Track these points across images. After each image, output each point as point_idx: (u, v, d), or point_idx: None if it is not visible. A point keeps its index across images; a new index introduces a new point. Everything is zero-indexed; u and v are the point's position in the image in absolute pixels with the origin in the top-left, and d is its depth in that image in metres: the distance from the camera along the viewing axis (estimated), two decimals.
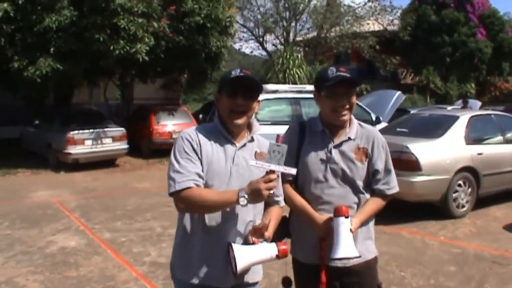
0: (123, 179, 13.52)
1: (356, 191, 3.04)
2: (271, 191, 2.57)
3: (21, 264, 6.61)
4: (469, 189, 9.01)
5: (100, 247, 7.35)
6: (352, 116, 3.09)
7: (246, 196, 2.56)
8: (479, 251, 7.07)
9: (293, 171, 2.69)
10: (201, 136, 2.78)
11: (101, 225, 8.57)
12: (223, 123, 2.83)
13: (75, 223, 8.71)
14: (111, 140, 15.23)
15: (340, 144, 3.03)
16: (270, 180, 2.55)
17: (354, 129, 3.07)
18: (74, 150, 14.40)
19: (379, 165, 3.07)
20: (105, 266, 6.50)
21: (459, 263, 6.51)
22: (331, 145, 3.02)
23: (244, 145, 2.83)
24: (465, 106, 19.85)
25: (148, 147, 17.12)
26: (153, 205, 9.74)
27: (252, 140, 2.88)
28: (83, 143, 14.55)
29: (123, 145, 15.59)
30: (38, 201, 10.53)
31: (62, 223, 8.70)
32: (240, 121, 2.77)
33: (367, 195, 3.08)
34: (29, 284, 5.93)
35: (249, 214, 2.76)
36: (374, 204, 3.08)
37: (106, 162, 15.34)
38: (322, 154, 3.02)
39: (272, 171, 2.58)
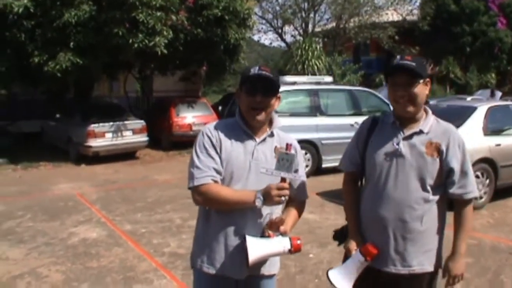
0: (143, 171, 13.63)
1: (424, 189, 2.87)
2: (282, 198, 2.64)
3: (44, 255, 6.74)
4: (487, 181, 8.96)
5: (120, 238, 7.46)
6: (430, 111, 2.99)
7: (262, 198, 2.65)
8: (496, 243, 7.08)
9: (302, 177, 2.78)
10: (221, 131, 2.85)
11: (122, 217, 8.68)
12: (243, 118, 2.88)
13: (96, 215, 8.83)
14: (131, 133, 15.33)
15: (411, 136, 2.90)
16: (283, 188, 2.63)
17: (429, 123, 2.92)
18: (95, 143, 14.53)
19: (455, 164, 2.85)
20: (126, 257, 6.61)
21: (476, 255, 6.50)
22: (400, 137, 2.91)
23: (264, 140, 2.89)
24: (492, 97, 19.71)
25: (168, 139, 17.20)
26: (173, 197, 9.81)
27: (272, 135, 2.93)
28: (103, 136, 14.67)
29: (143, 138, 15.69)
30: (60, 194, 10.67)
31: (83, 215, 8.82)
32: (260, 117, 2.81)
33: (436, 197, 2.89)
34: (52, 275, 6.04)
35: (267, 208, 2.80)
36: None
37: (126, 154, 15.46)
38: (389, 147, 2.92)
39: (284, 179, 2.65)
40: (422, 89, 2.84)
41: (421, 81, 2.83)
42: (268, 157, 2.84)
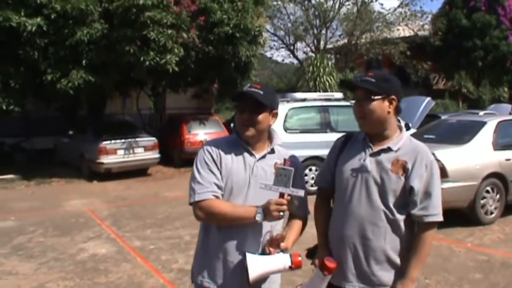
0: (154, 188, 13.70)
1: (386, 207, 2.81)
2: (281, 213, 2.65)
3: (53, 270, 6.81)
4: (498, 195, 8.94)
5: (129, 254, 7.51)
6: (404, 129, 2.98)
7: (262, 213, 2.67)
8: (506, 259, 7.03)
9: (300, 193, 2.78)
10: (221, 147, 2.89)
11: (131, 233, 8.73)
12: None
13: (106, 231, 8.90)
14: (143, 150, 15.42)
15: (378, 152, 2.85)
16: (281, 203, 2.65)
17: (400, 141, 2.87)
18: (107, 159, 14.63)
19: (416, 184, 2.76)
20: (134, 273, 6.65)
21: (485, 271, 6.48)
22: (367, 153, 2.87)
23: (264, 156, 2.91)
24: None
25: (180, 156, 17.27)
26: (182, 214, 9.84)
27: (272, 151, 2.95)
28: (115, 153, 14.77)
29: (154, 155, 15.77)
30: (71, 210, 10.76)
31: (93, 231, 8.89)
32: (248, 133, 2.84)
33: (399, 216, 2.81)
34: None
35: (267, 224, 2.82)
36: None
37: (138, 171, 15.56)
38: (356, 163, 2.89)
39: (282, 194, 2.66)
40: (378, 106, 2.80)
41: (378, 97, 2.79)
42: (268, 173, 2.86)
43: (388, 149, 2.85)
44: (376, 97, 2.79)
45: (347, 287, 2.90)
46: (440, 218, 2.81)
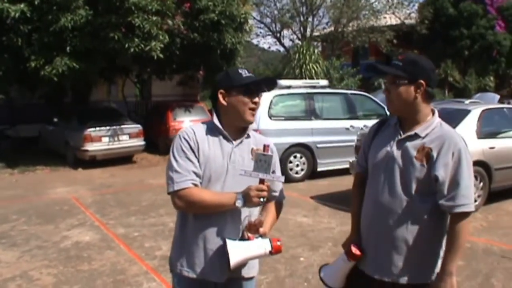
0: (139, 175, 13.66)
1: (408, 195, 2.73)
2: (261, 199, 2.65)
3: (36, 258, 6.77)
4: (481, 184, 8.97)
5: (113, 241, 7.49)
6: (437, 112, 2.84)
7: (242, 199, 2.67)
8: (489, 246, 7.09)
9: (281, 178, 2.79)
10: (198, 134, 2.86)
11: (116, 221, 8.71)
12: (221, 121, 2.90)
13: (90, 219, 8.86)
14: (128, 137, 15.40)
15: (406, 139, 2.78)
16: (262, 189, 2.65)
17: (430, 127, 2.77)
18: (91, 147, 14.58)
19: (441, 172, 2.65)
20: (117, 260, 6.63)
21: (468, 258, 6.49)
22: (396, 139, 2.81)
23: (241, 142, 2.91)
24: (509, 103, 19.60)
25: (165, 144, 17.16)
26: (167, 201, 9.68)
27: (248, 136, 2.96)
28: (100, 140, 14.73)
29: (139, 142, 15.75)
30: (55, 198, 10.70)
31: (77, 219, 8.85)
32: (256, 116, 2.92)
33: (423, 205, 2.72)
34: (43, 278, 6.07)
35: (245, 210, 2.82)
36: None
37: (123, 158, 15.54)
38: (384, 149, 2.84)
39: (262, 180, 2.67)
40: (404, 91, 2.73)
41: (403, 81, 2.73)
42: (246, 159, 2.87)
43: (416, 136, 2.76)
44: (401, 82, 2.75)
45: (371, 275, 2.88)
46: (471, 208, 2.67)
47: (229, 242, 2.69)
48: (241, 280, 2.96)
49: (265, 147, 2.73)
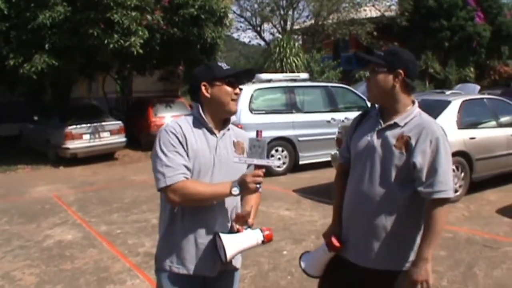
0: (121, 172, 13.63)
1: (387, 183, 2.78)
2: (258, 185, 2.66)
3: (18, 258, 6.72)
4: (462, 174, 9.02)
5: (96, 239, 7.46)
6: (417, 103, 2.89)
7: (238, 187, 2.67)
8: (471, 235, 7.13)
9: (276, 163, 2.81)
10: (184, 128, 2.82)
11: (98, 218, 8.67)
12: (204, 114, 2.88)
13: (72, 217, 8.82)
14: (109, 134, 15.35)
15: (385, 128, 2.84)
16: (258, 175, 2.66)
17: (409, 116, 2.83)
18: (73, 144, 14.52)
19: (419, 159, 2.71)
20: (100, 258, 6.60)
21: (450, 248, 6.55)
22: (376, 129, 2.87)
23: (224, 134, 2.91)
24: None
25: (147, 139, 17.11)
26: (149, 197, 9.79)
27: (228, 129, 2.97)
28: (81, 138, 14.66)
29: (121, 138, 15.72)
30: (37, 197, 10.63)
31: (59, 217, 8.80)
32: (238, 106, 2.99)
33: (402, 193, 2.77)
34: (25, 277, 6.03)
35: (231, 202, 2.84)
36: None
37: (105, 155, 15.48)
38: (365, 139, 2.90)
39: (258, 166, 2.68)
40: (382, 79, 2.81)
41: (381, 69, 2.82)
42: (229, 151, 2.88)
43: (395, 125, 2.82)
44: (380, 69, 2.82)
45: (353, 262, 2.94)
46: (449, 194, 2.72)
47: (223, 236, 2.69)
48: (229, 272, 2.99)
49: (258, 132, 2.72)
